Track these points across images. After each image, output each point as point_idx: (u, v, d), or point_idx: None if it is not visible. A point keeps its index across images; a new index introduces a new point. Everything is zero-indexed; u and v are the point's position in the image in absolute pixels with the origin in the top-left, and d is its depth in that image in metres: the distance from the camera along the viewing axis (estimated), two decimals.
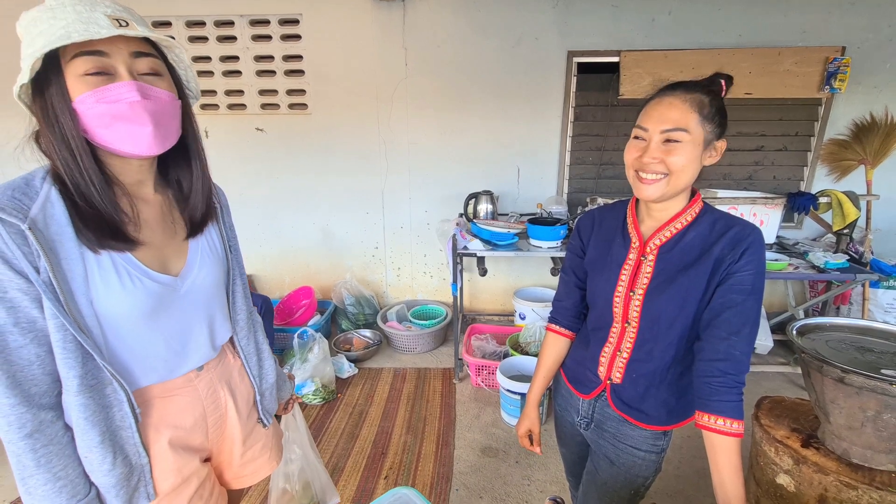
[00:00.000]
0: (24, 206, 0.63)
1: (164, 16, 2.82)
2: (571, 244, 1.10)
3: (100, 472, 0.72)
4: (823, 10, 2.63)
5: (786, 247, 2.64)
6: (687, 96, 0.83)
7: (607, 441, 1.04)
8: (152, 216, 0.78)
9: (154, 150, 0.70)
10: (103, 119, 0.65)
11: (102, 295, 0.68)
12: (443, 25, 2.78)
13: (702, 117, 0.83)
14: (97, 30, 0.61)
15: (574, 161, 3.03)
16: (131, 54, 0.66)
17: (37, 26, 0.63)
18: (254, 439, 0.98)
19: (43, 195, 0.65)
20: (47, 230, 0.64)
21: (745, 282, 0.84)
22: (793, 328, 1.34)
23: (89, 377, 0.69)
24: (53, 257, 0.64)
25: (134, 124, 0.67)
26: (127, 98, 0.65)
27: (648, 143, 0.86)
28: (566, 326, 1.12)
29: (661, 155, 0.84)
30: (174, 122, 0.73)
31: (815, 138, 2.87)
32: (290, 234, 3.30)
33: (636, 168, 0.88)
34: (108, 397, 0.71)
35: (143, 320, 0.73)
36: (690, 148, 0.83)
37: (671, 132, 0.83)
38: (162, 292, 0.75)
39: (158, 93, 0.69)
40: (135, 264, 0.72)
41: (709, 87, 0.86)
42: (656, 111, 0.85)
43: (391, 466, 1.97)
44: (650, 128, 0.85)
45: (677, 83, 0.87)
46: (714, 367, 0.84)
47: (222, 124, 3.04)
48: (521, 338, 2.61)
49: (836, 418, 1.21)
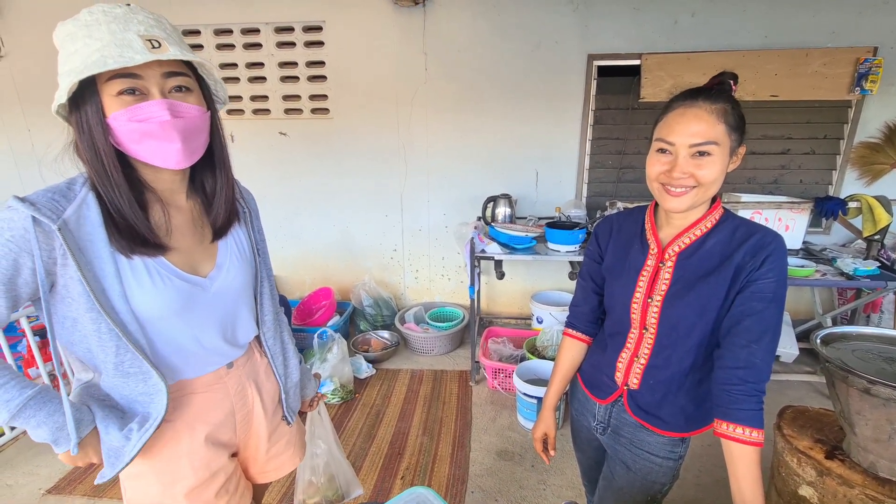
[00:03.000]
0: (59, 208, 0.68)
1: (194, 24, 2.92)
2: (589, 249, 1.10)
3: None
4: (854, 10, 2.56)
5: (812, 252, 2.56)
6: (712, 106, 0.81)
7: (624, 446, 1.04)
8: (183, 221, 0.82)
9: (182, 164, 0.74)
10: (134, 135, 0.69)
11: (136, 293, 0.73)
12: (462, 30, 2.81)
13: (728, 127, 0.82)
14: (132, 55, 0.64)
15: (593, 164, 3.01)
16: (163, 75, 0.69)
17: (73, 43, 0.66)
18: (279, 435, 1.02)
19: (80, 198, 0.70)
20: (79, 230, 0.69)
21: (767, 289, 0.83)
22: (817, 337, 1.31)
23: (126, 365, 0.74)
24: (82, 257, 0.69)
25: (163, 141, 0.70)
26: (158, 117, 0.68)
27: (676, 157, 0.83)
28: (583, 331, 1.12)
29: (690, 169, 0.82)
30: (202, 135, 0.77)
31: (844, 141, 2.79)
32: (310, 235, 3.37)
33: (663, 182, 0.86)
34: (150, 387, 0.76)
35: (174, 318, 0.78)
36: (720, 159, 0.82)
37: (702, 146, 0.81)
38: (192, 291, 0.79)
39: (188, 109, 0.72)
40: (166, 265, 0.76)
41: (728, 94, 0.84)
42: (681, 124, 0.82)
43: (408, 467, 1.99)
44: (677, 142, 0.82)
45: (696, 91, 0.85)
46: (734, 375, 0.84)
47: (247, 129, 3.13)
48: (539, 341, 2.61)
49: (862, 430, 1.18)
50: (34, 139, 3.23)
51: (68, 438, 0.73)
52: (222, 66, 3.00)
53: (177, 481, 0.84)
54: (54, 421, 0.72)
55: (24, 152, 3.27)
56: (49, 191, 0.69)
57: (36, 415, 0.71)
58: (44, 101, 3.40)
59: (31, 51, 3.02)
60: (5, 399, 0.69)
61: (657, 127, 0.88)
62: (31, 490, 1.89)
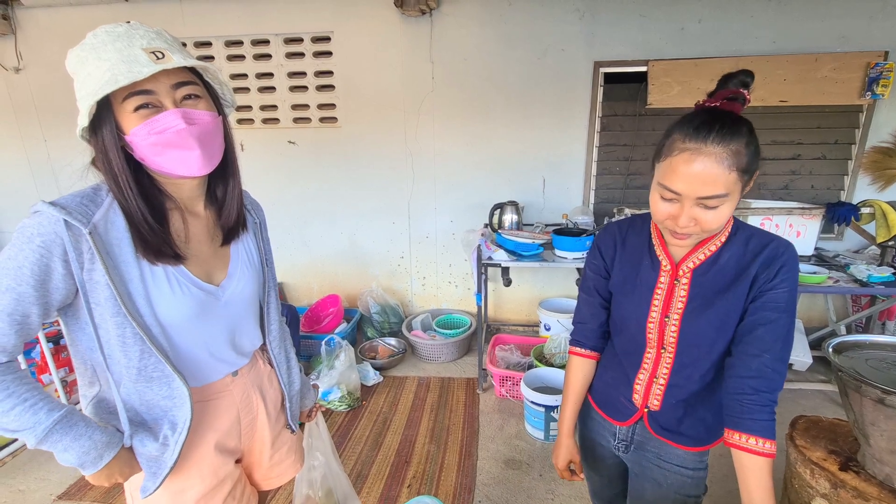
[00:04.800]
0: (89, 212, 0.70)
1: (206, 36, 2.98)
2: (593, 264, 1.03)
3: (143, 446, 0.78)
4: (864, 15, 2.54)
5: (825, 259, 2.53)
6: (724, 151, 0.72)
7: (651, 462, 1.00)
8: (201, 230, 0.84)
9: (204, 170, 0.76)
10: (156, 148, 0.71)
11: (156, 299, 0.75)
12: (469, 38, 2.83)
13: (740, 172, 0.74)
14: (139, 69, 0.66)
15: (601, 171, 3.01)
16: (173, 86, 0.72)
17: (84, 67, 0.69)
18: (281, 442, 1.03)
19: (107, 203, 0.72)
20: (107, 235, 0.71)
21: (780, 299, 0.82)
22: (829, 346, 1.29)
23: (150, 369, 0.75)
24: (110, 261, 0.70)
25: (183, 150, 0.73)
26: (174, 127, 0.71)
27: (681, 205, 0.78)
28: (592, 348, 1.07)
29: (697, 216, 0.78)
30: (218, 139, 0.79)
31: (856, 146, 2.75)
32: (318, 243, 3.39)
33: (667, 227, 0.83)
34: (174, 391, 0.77)
35: (188, 325, 0.79)
36: (730, 206, 0.77)
37: (710, 199, 0.75)
38: (205, 299, 0.81)
39: (201, 115, 0.74)
40: (184, 273, 0.78)
41: (741, 125, 0.74)
42: (687, 174, 0.74)
43: (414, 475, 1.99)
44: (683, 193, 0.76)
45: (704, 125, 0.74)
46: (746, 385, 0.82)
47: (257, 138, 3.17)
48: (546, 349, 2.59)
49: (876, 441, 1.15)
50: (50, 149, 3.31)
51: (94, 462, 0.73)
52: (233, 76, 3.05)
53: (186, 489, 0.84)
54: (80, 445, 0.71)
55: (41, 161, 3.35)
56: (77, 195, 0.71)
57: (62, 439, 0.70)
58: (60, 112, 3.47)
59: (48, 64, 3.11)
60: (34, 422, 0.68)
61: (661, 164, 0.80)
62: (42, 495, 1.91)
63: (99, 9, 2.95)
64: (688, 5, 2.63)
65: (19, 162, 3.37)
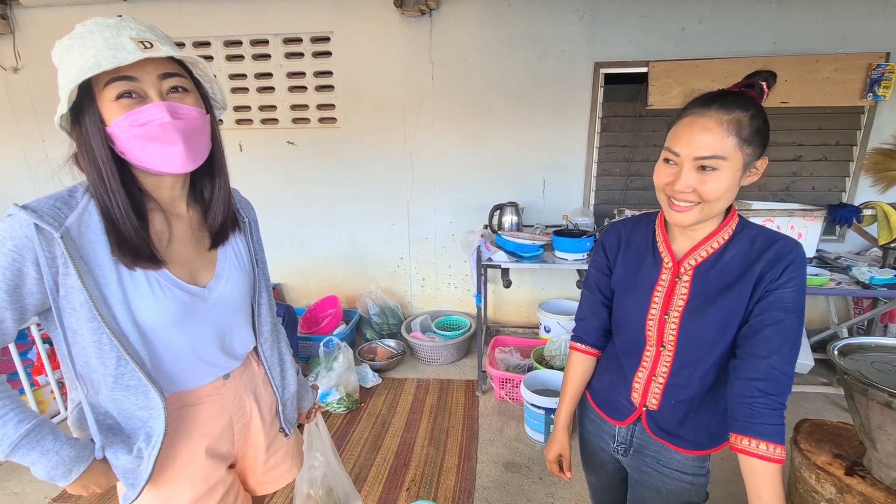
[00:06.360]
0: (61, 215, 0.67)
1: (205, 36, 2.97)
2: (596, 261, 1.04)
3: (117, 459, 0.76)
4: (865, 16, 2.53)
5: (827, 261, 2.51)
6: (723, 117, 0.75)
7: (650, 467, 0.99)
8: (184, 231, 0.81)
9: (187, 167, 0.73)
10: (137, 141, 0.69)
11: (136, 302, 0.72)
12: (469, 39, 2.82)
13: (740, 140, 0.76)
14: (124, 55, 0.64)
15: (601, 172, 2.99)
16: (159, 77, 0.69)
17: (70, 55, 0.66)
18: (277, 446, 1.00)
19: (82, 206, 0.69)
20: (80, 238, 0.68)
21: (787, 299, 0.80)
22: (834, 348, 1.27)
23: (127, 377, 0.72)
24: (84, 265, 0.68)
25: (166, 144, 0.70)
26: (158, 119, 0.68)
27: (680, 169, 0.79)
28: (593, 345, 1.07)
29: (693, 184, 0.78)
30: (204, 137, 0.76)
31: (857, 148, 2.74)
32: (317, 244, 3.37)
33: (668, 193, 0.82)
34: (150, 401, 0.74)
35: (172, 328, 0.76)
36: (728, 175, 0.77)
37: (706, 160, 0.76)
38: (190, 301, 0.78)
39: (187, 111, 0.71)
40: (166, 276, 0.75)
41: (748, 101, 0.78)
42: (688, 134, 0.77)
43: (413, 478, 1.97)
44: (682, 153, 0.78)
45: (712, 96, 0.79)
46: (754, 387, 0.80)
47: (256, 138, 3.15)
48: (546, 351, 2.57)
49: (883, 445, 1.13)
50: (48, 149, 3.29)
51: (64, 476, 0.71)
52: (232, 76, 3.03)
53: (175, 496, 0.82)
54: (48, 460, 0.69)
55: (39, 161, 3.33)
56: (50, 198, 0.69)
57: (30, 454, 0.68)
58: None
59: (47, 64, 3.04)
60: (0, 435, 0.66)
61: (668, 134, 0.84)
62: (37, 498, 1.89)
63: (97, 8, 2.94)
64: (688, 6, 2.62)
65: (18, 162, 3.35)
